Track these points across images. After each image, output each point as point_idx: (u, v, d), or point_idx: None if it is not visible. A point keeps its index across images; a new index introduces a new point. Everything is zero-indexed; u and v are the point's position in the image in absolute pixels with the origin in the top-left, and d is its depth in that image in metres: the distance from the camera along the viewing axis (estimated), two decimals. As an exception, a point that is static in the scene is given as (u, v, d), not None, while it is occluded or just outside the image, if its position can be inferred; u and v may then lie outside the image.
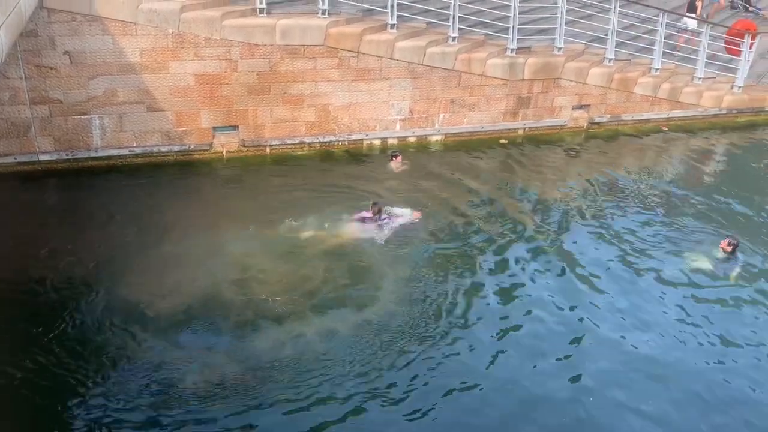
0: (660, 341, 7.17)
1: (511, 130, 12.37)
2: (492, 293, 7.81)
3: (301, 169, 10.58)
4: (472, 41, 11.79)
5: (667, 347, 7.10)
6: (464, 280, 8.01)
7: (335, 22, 10.54)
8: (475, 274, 8.15)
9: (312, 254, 8.22)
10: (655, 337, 7.24)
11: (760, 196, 10.96)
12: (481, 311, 7.45)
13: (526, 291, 7.92)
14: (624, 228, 9.44)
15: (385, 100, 11.18)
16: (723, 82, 14.15)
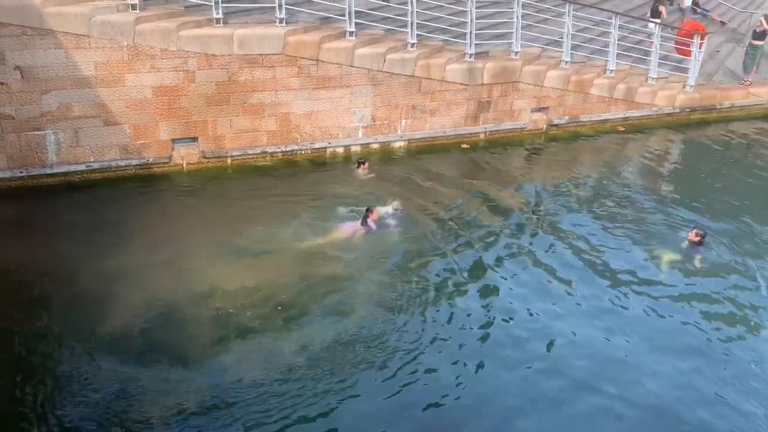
0: (641, 340, 7.20)
1: (472, 134, 12.48)
2: (468, 298, 7.77)
3: (264, 179, 10.48)
4: (431, 47, 11.89)
5: (648, 345, 7.14)
6: (440, 285, 7.97)
7: (293, 30, 10.51)
8: (449, 279, 8.13)
9: (281, 264, 8.10)
10: (637, 336, 7.25)
11: (716, 190, 11.36)
12: (458, 316, 7.40)
13: (502, 295, 7.91)
14: (591, 227, 9.58)
15: (347, 108, 11.18)
16: (675, 82, 14.55)
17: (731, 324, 7.58)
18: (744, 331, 7.50)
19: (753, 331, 7.52)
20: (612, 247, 9.07)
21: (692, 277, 8.46)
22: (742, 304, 7.92)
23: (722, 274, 8.50)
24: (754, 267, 8.70)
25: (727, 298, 8.01)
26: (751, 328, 7.56)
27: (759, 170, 12.40)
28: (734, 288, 8.23)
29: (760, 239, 9.53)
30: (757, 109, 15.23)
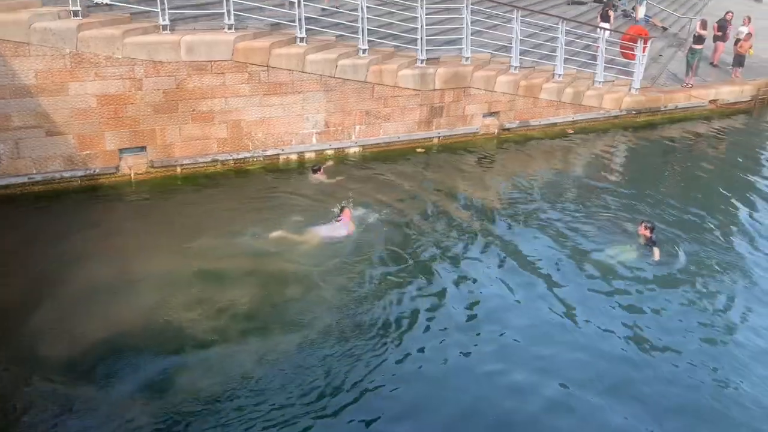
0: (607, 337, 7.34)
1: (426, 139, 12.54)
2: (431, 303, 7.75)
3: (216, 187, 10.29)
4: (383, 53, 11.92)
5: (612, 344, 7.28)
6: (404, 290, 7.94)
7: (242, 36, 10.37)
8: (414, 283, 8.11)
9: (237, 274, 7.94)
10: (601, 334, 7.40)
11: (664, 186, 11.75)
12: (421, 322, 7.36)
13: (467, 299, 7.90)
14: (546, 228, 9.71)
15: (300, 114, 11.08)
16: (621, 85, 14.94)
17: (685, 313, 7.87)
18: (699, 322, 7.76)
19: (708, 323, 7.76)
20: (569, 246, 9.24)
21: (645, 269, 8.69)
22: (693, 294, 8.24)
23: (673, 265, 8.82)
24: (701, 256, 9.07)
25: (681, 288, 8.33)
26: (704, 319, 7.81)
27: (703, 167, 12.87)
28: (686, 280, 8.53)
29: (706, 228, 10.01)
30: (699, 111, 15.76)
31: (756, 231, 10.20)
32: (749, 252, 9.46)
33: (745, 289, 8.45)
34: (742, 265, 9.01)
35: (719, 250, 9.35)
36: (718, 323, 7.71)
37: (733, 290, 8.38)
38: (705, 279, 8.55)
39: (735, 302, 8.14)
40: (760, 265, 9.11)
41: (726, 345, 7.35)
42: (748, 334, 7.57)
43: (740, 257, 9.25)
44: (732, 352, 7.21)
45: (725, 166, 13.20)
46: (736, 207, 11.05)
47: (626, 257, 8.90)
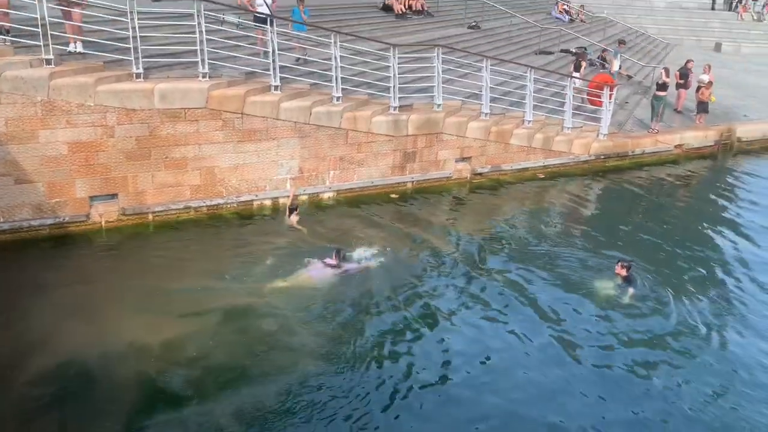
0: (590, 373, 7.51)
1: (400, 184, 12.64)
2: (416, 349, 7.70)
3: (188, 234, 10.19)
4: (356, 100, 12.09)
5: (594, 379, 7.43)
6: (386, 335, 7.92)
7: (217, 84, 10.47)
8: (396, 327, 8.09)
9: (211, 322, 7.79)
10: (582, 369, 7.56)
11: (634, 228, 11.92)
12: (406, 369, 7.32)
13: (445, 343, 7.89)
14: (525, 271, 9.77)
15: (274, 160, 11.12)
16: (589, 131, 15.30)
17: (660, 347, 8.07)
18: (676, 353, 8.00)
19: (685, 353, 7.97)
20: (544, 287, 9.35)
21: (624, 308, 8.87)
22: (668, 331, 8.44)
23: (650, 303, 9.03)
24: (673, 294, 9.27)
25: (656, 327, 8.52)
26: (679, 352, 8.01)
27: (671, 209, 13.14)
28: (662, 317, 8.74)
29: (676, 268, 10.22)
30: (665, 155, 16.17)
31: (723, 269, 10.43)
32: (714, 289, 9.69)
33: (720, 323, 8.74)
34: (717, 301, 9.30)
35: (692, 286, 9.63)
36: (711, 361, 7.91)
37: (716, 324, 8.67)
38: (683, 314, 8.81)
39: (721, 336, 8.44)
40: (731, 300, 9.38)
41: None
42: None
43: (712, 293, 9.50)
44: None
45: (692, 208, 13.49)
46: (704, 247, 11.27)
47: (604, 295, 9.07)
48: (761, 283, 9.91)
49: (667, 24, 34.72)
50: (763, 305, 9.29)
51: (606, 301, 8.99)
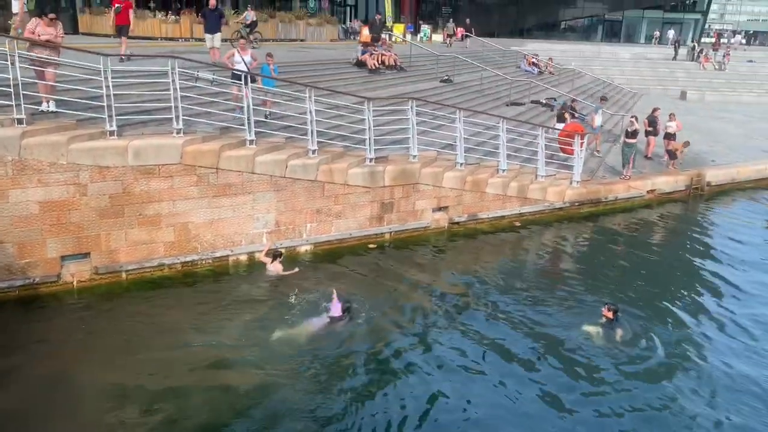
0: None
1: (378, 235, 12.61)
2: (403, 404, 7.58)
3: (163, 292, 9.96)
4: (332, 153, 12.16)
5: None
6: (371, 388, 7.83)
7: (191, 140, 10.47)
8: (380, 382, 7.98)
9: (192, 384, 7.57)
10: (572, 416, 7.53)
11: (611, 272, 12.01)
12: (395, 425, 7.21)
13: (427, 396, 7.79)
14: (506, 318, 9.78)
15: (250, 214, 11.05)
16: (563, 178, 15.53)
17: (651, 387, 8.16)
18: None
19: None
20: (531, 334, 9.32)
21: (613, 351, 8.96)
22: (658, 370, 8.59)
23: (638, 345, 9.17)
24: (658, 333, 9.44)
25: (646, 364, 8.70)
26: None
27: (647, 253, 13.23)
28: (650, 357, 8.87)
29: (657, 309, 10.34)
30: (638, 201, 16.43)
31: (699, 308, 10.60)
32: (696, 326, 9.90)
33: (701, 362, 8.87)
34: (693, 339, 9.47)
35: (674, 325, 9.84)
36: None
37: (705, 361, 8.86)
38: (670, 353, 8.97)
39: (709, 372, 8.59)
40: (709, 337, 9.57)
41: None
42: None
43: (689, 332, 9.69)
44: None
45: (668, 250, 13.64)
46: (682, 285, 11.44)
47: (591, 340, 9.12)
48: (739, 315, 10.19)
49: (633, 74, 35.92)
50: (740, 333, 9.62)
51: (594, 346, 9.00)
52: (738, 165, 19.05)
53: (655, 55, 39.94)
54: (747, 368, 8.66)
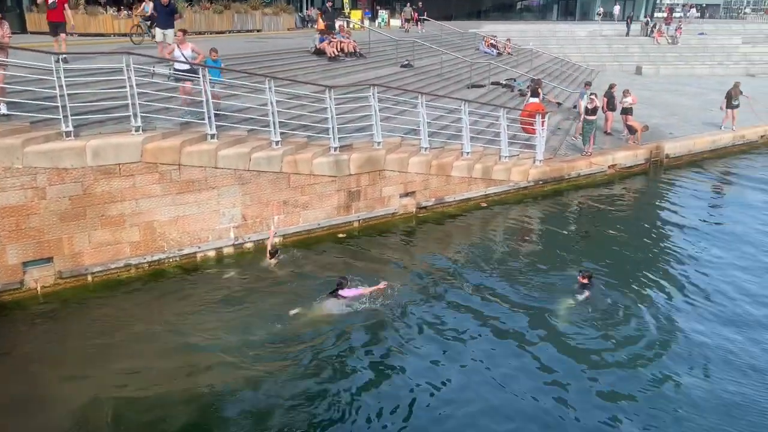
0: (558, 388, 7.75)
1: (346, 224, 12.60)
2: (384, 393, 7.62)
3: (131, 293, 9.80)
4: (296, 143, 12.07)
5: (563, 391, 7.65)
6: (346, 378, 7.84)
7: (151, 137, 10.28)
8: (365, 371, 8.01)
9: (165, 392, 7.43)
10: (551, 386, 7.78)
11: (578, 245, 12.33)
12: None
13: (408, 375, 7.91)
14: (480, 295, 9.99)
15: (215, 209, 10.92)
16: (526, 158, 15.72)
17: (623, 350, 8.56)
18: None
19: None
20: (508, 309, 9.59)
21: (591, 313, 9.40)
22: (628, 334, 8.97)
23: (611, 307, 9.64)
24: (629, 298, 9.89)
25: (619, 327, 9.14)
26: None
27: (612, 225, 13.58)
28: (623, 320, 9.33)
29: (624, 277, 10.68)
30: (600, 176, 16.73)
31: (662, 273, 10.98)
32: (661, 290, 10.34)
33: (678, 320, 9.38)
34: (658, 302, 9.94)
35: (645, 289, 10.30)
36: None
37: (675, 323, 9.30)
38: (643, 316, 9.39)
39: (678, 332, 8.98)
40: (671, 300, 10.04)
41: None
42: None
43: (654, 296, 10.15)
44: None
45: (631, 221, 13.94)
46: (647, 253, 11.82)
47: (570, 306, 9.54)
48: (696, 280, 10.67)
49: (589, 51, 36.41)
50: (698, 296, 10.12)
51: (572, 311, 9.39)
52: (694, 136, 19.54)
53: (609, 31, 40.52)
54: (705, 329, 9.09)
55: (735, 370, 8.07)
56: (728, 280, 10.62)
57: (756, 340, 8.78)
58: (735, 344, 8.65)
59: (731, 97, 19.82)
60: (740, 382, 7.83)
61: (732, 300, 9.93)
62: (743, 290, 10.23)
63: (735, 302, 9.85)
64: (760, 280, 10.60)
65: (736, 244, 12.22)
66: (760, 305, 9.77)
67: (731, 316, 9.46)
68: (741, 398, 7.52)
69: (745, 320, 9.34)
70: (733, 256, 11.65)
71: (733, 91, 19.81)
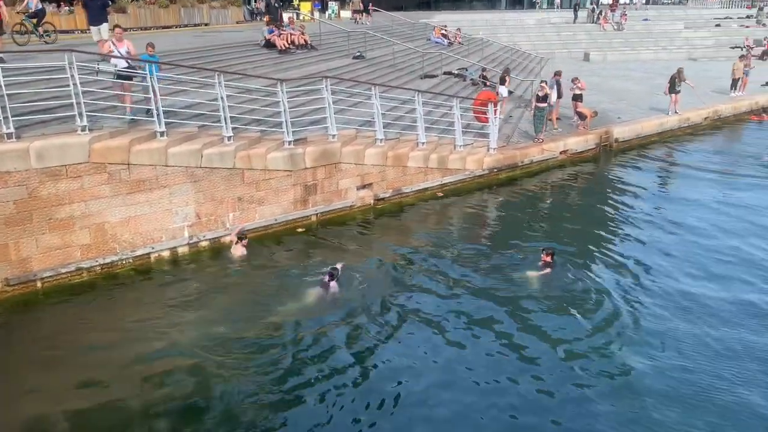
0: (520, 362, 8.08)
1: (304, 218, 12.51)
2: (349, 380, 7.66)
3: (83, 298, 9.52)
4: (249, 138, 11.90)
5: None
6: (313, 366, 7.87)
7: (98, 137, 9.98)
8: (317, 361, 7.99)
9: (122, 405, 7.21)
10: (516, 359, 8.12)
11: (533, 229, 12.59)
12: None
13: (383, 365, 7.98)
14: (446, 278, 10.19)
15: (168, 208, 10.69)
16: (480, 147, 15.87)
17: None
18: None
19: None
20: (476, 289, 9.80)
21: (555, 290, 9.82)
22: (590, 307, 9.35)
23: (573, 282, 10.06)
24: (587, 275, 10.31)
25: (581, 302, 9.48)
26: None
27: (566, 208, 13.97)
28: (585, 295, 9.70)
29: (581, 257, 11.01)
30: (552, 162, 17.02)
31: (615, 251, 11.36)
32: (615, 266, 10.73)
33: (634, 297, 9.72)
34: (611, 277, 10.33)
35: (594, 268, 10.62)
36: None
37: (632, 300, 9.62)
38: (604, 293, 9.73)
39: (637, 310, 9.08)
40: (624, 274, 10.42)
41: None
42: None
43: (608, 271, 10.53)
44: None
45: (583, 206, 14.29)
46: (598, 237, 12.07)
47: (534, 283, 9.95)
48: (646, 256, 11.12)
49: (538, 39, 36.96)
50: (648, 271, 10.52)
51: (536, 288, 9.84)
52: (642, 120, 20.05)
53: (557, 19, 41.22)
54: (661, 302, 9.48)
55: (677, 344, 8.40)
56: (672, 257, 11.04)
57: (690, 309, 9.24)
58: (674, 321, 8.97)
59: (674, 83, 20.40)
60: (686, 353, 8.19)
61: (671, 275, 10.33)
62: (684, 267, 10.60)
63: (675, 278, 10.24)
64: (697, 259, 10.93)
65: (682, 223, 12.60)
66: (693, 278, 10.23)
67: (672, 289, 9.85)
68: (683, 369, 7.84)
69: (683, 292, 9.76)
70: (679, 236, 12.00)
71: (677, 76, 20.39)
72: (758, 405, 7.14)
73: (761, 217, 12.77)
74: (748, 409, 7.08)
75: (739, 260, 10.80)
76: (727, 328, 8.72)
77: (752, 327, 8.74)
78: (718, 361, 7.95)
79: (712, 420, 6.92)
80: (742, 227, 12.26)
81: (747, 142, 19.61)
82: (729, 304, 9.31)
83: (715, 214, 13.04)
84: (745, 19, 42.22)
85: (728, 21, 42.14)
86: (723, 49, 35.22)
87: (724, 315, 9.03)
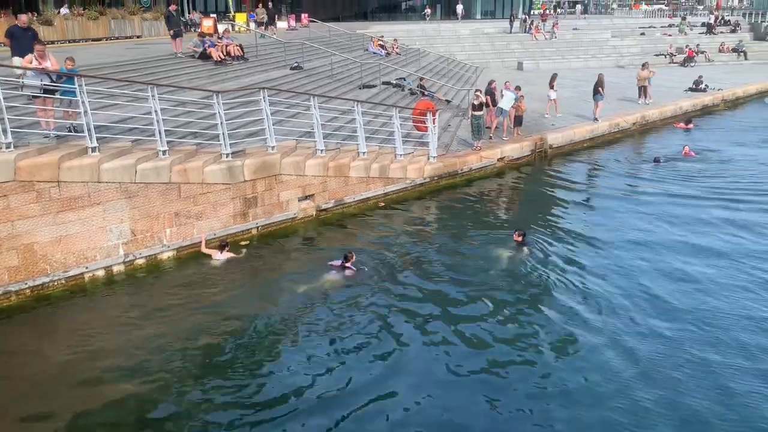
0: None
1: (245, 232, 12.31)
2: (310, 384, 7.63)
3: (11, 325, 9.05)
4: (184, 152, 11.65)
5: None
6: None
7: (25, 153, 9.57)
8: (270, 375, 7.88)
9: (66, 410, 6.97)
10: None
11: (474, 230, 12.82)
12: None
13: (354, 376, 7.90)
14: (398, 284, 10.40)
15: (101, 226, 10.33)
16: (421, 155, 16.04)
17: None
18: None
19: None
20: (431, 292, 10.08)
21: (526, 269, 10.82)
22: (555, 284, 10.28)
23: (543, 260, 11.12)
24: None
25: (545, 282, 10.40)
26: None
27: (506, 212, 14.41)
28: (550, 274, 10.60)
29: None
30: (491, 169, 17.37)
31: (560, 246, 11.92)
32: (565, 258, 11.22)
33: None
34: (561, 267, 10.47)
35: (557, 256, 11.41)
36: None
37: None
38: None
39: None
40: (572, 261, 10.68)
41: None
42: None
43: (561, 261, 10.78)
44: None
45: (520, 210, 14.75)
46: (541, 237, 12.42)
47: (507, 261, 10.99)
48: (587, 248, 11.87)
49: (473, 49, 37.74)
50: (592, 256, 11.46)
51: (508, 266, 10.86)
52: (574, 127, 20.73)
53: (491, 29, 42.19)
54: (618, 283, 10.34)
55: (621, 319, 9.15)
56: (609, 252, 11.65)
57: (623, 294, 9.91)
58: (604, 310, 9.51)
59: (597, 90, 21.21)
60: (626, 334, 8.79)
61: (601, 266, 11.01)
62: (620, 263, 11.15)
63: (607, 267, 10.94)
64: (630, 254, 11.53)
65: (615, 223, 13.22)
66: (621, 271, 10.85)
67: (606, 274, 10.65)
68: (635, 343, 8.54)
69: (614, 282, 10.42)
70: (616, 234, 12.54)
71: (599, 83, 21.20)
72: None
73: (672, 207, 14.13)
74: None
75: (649, 241, 12.12)
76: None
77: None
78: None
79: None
80: (655, 214, 13.69)
81: (664, 145, 20.58)
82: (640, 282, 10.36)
83: (634, 204, 14.46)
84: (667, 28, 44.35)
85: (652, 30, 44.15)
86: (648, 56, 36.77)
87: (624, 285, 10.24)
